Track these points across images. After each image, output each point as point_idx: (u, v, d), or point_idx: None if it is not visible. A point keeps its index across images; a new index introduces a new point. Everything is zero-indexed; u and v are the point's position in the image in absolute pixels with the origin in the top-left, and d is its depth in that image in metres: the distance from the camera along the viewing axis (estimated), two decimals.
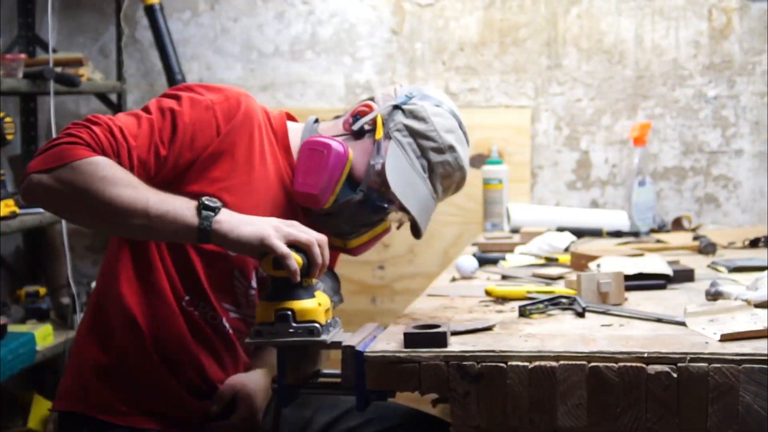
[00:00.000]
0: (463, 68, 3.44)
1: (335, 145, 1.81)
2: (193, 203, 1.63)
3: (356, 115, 1.89)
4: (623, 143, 3.38)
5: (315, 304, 1.60)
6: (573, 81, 3.39)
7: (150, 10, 3.42)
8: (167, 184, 1.72)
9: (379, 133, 1.85)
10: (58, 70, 3.07)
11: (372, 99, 1.92)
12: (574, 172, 3.42)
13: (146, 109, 1.75)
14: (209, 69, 3.56)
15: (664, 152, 3.38)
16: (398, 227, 2.01)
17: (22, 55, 3.05)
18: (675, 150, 3.38)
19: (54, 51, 3.26)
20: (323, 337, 1.58)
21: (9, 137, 2.82)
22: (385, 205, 1.87)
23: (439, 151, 1.85)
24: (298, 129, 1.93)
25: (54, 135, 3.07)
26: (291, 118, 1.96)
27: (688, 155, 3.37)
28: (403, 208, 1.84)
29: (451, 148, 1.86)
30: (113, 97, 3.51)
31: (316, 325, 1.58)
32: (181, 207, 1.63)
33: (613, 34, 3.37)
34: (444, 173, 1.87)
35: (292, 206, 1.87)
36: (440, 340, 1.54)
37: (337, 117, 1.95)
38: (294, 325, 1.58)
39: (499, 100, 3.43)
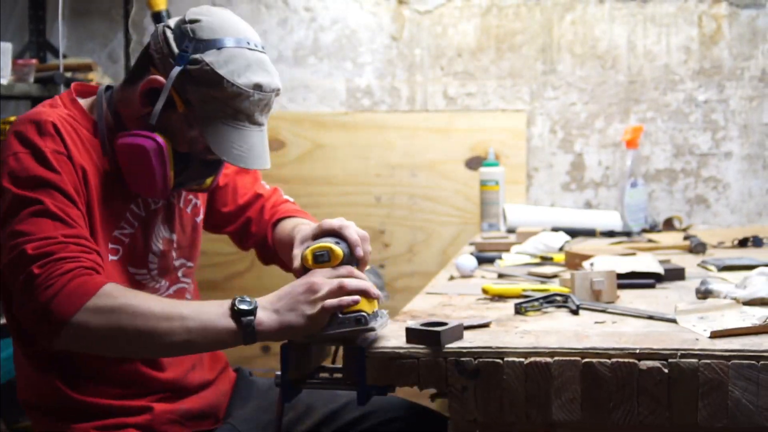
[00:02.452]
0: (460, 73, 3.44)
1: (149, 145, 1.72)
2: (226, 307, 1.56)
3: (147, 91, 1.73)
4: (616, 146, 3.38)
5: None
6: (567, 86, 3.39)
7: (157, 17, 3.42)
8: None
9: (181, 106, 1.73)
10: (68, 74, 3.07)
11: (148, 57, 1.75)
12: (568, 173, 3.42)
13: (29, 201, 1.62)
14: None
15: (655, 155, 3.38)
16: None
17: (34, 61, 3.05)
18: (666, 152, 3.38)
19: (64, 56, 3.26)
20: (371, 324, 1.56)
21: None
22: (221, 159, 1.78)
23: (246, 96, 1.71)
24: (92, 105, 1.82)
25: None
26: (82, 88, 1.86)
27: (679, 157, 3.38)
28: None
29: (257, 86, 1.72)
30: None
31: (363, 314, 1.56)
32: (217, 316, 1.56)
33: (606, 41, 3.37)
34: (260, 107, 1.75)
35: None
36: (435, 339, 1.53)
37: (128, 80, 1.80)
38: (340, 316, 1.56)
39: (496, 104, 3.43)
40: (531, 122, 3.41)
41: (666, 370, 1.46)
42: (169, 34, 1.74)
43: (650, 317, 1.73)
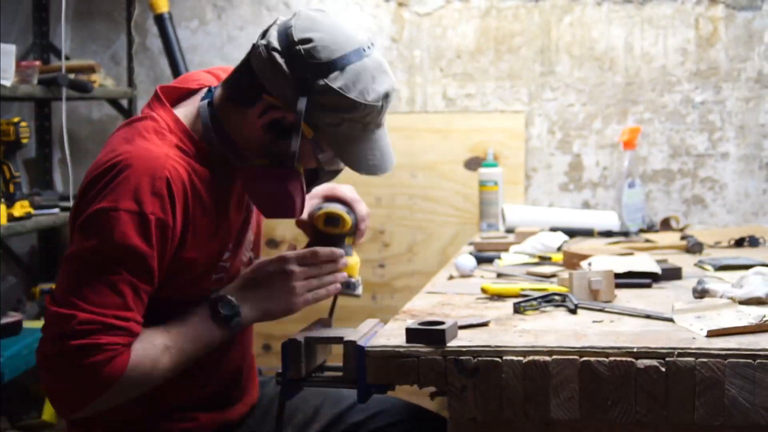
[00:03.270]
0: (460, 75, 3.44)
1: (291, 186, 1.66)
2: (208, 316, 1.66)
3: (272, 123, 1.65)
4: (614, 147, 3.38)
5: (357, 260, 1.79)
6: (565, 87, 3.39)
7: (159, 19, 3.42)
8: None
9: (309, 133, 1.65)
10: (71, 76, 3.07)
11: (261, 84, 1.63)
12: (566, 174, 3.42)
13: (104, 266, 1.55)
14: None
15: (652, 155, 3.38)
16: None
17: (37, 63, 3.05)
18: (663, 153, 3.38)
19: (67, 58, 3.26)
20: (358, 291, 1.77)
21: (24, 141, 2.82)
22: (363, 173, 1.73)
23: (379, 109, 1.65)
24: (193, 118, 1.72)
25: (66, 140, 3.10)
26: (172, 93, 1.76)
27: (676, 158, 3.38)
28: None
29: (386, 96, 1.65)
30: (124, 103, 3.51)
31: (353, 280, 1.75)
32: (210, 330, 1.67)
33: (604, 42, 3.37)
34: (386, 109, 1.69)
35: (234, 183, 1.75)
36: (439, 337, 1.53)
37: (237, 101, 1.69)
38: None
39: (495, 105, 3.43)
40: (529, 123, 3.41)
41: (663, 369, 1.46)
42: (279, 59, 1.61)
43: (648, 316, 1.73)
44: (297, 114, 1.61)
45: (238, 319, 1.68)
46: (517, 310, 1.79)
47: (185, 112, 1.73)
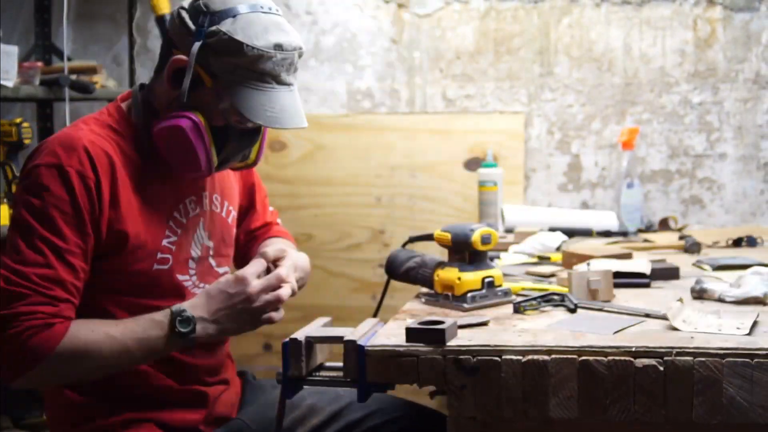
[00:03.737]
0: (459, 76, 3.44)
1: (185, 123, 1.72)
2: (167, 329, 1.69)
3: (175, 73, 1.73)
4: (612, 147, 3.38)
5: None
6: (564, 88, 3.39)
7: (161, 21, 3.42)
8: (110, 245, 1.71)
9: (209, 81, 1.72)
10: (73, 77, 3.07)
11: (172, 43, 1.76)
12: (565, 174, 3.42)
13: (28, 226, 1.64)
14: None
15: (651, 156, 3.38)
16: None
17: (39, 63, 3.05)
18: (662, 154, 3.38)
19: (69, 59, 3.26)
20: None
21: (26, 141, 2.83)
22: (258, 126, 1.80)
23: (269, 58, 1.70)
24: (131, 102, 1.83)
25: None
26: (126, 98, 1.86)
27: (674, 159, 3.38)
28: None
29: (277, 46, 1.71)
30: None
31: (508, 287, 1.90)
32: (160, 340, 1.69)
33: (602, 43, 3.37)
34: (285, 67, 1.73)
35: (181, 183, 1.84)
36: (439, 337, 1.53)
37: (157, 71, 1.80)
38: (496, 289, 1.88)
39: (494, 106, 3.43)
40: (529, 124, 3.41)
41: (661, 368, 1.46)
42: (184, 14, 1.74)
43: (646, 315, 1.73)
44: (190, 57, 1.69)
45: (193, 336, 1.70)
46: (517, 309, 1.79)
47: (129, 102, 1.83)
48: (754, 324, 1.62)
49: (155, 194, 1.78)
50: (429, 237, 2.01)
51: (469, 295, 1.83)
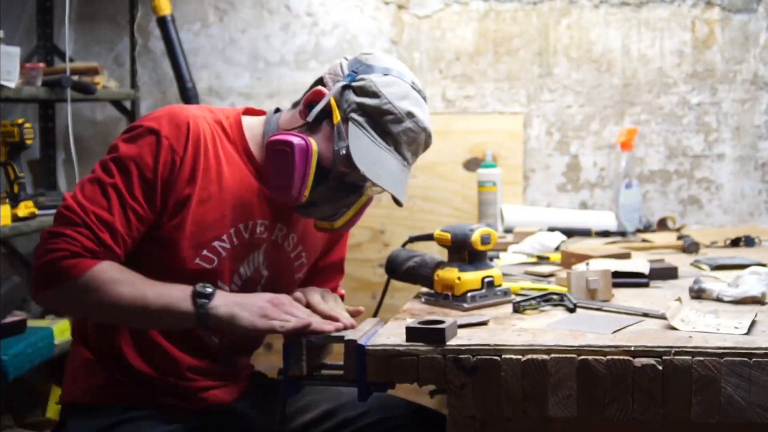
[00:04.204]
0: (459, 76, 3.44)
1: (297, 141, 1.73)
2: (189, 291, 1.68)
3: (309, 103, 1.79)
4: (611, 148, 3.38)
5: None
6: (563, 88, 3.39)
7: (162, 22, 3.42)
8: (171, 215, 1.75)
9: (336, 117, 1.75)
10: (75, 78, 3.07)
11: (322, 82, 1.82)
12: (564, 175, 3.42)
13: (107, 170, 1.73)
14: (218, 78, 3.56)
15: (649, 156, 3.38)
16: (380, 193, 1.89)
17: (41, 64, 3.05)
18: (660, 154, 3.38)
19: (71, 60, 3.26)
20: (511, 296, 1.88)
21: (28, 142, 2.82)
22: (360, 183, 1.82)
23: (398, 121, 1.75)
24: (258, 124, 1.87)
25: (72, 140, 3.11)
26: (252, 112, 1.91)
27: (673, 159, 3.38)
28: (376, 184, 1.78)
29: (410, 115, 1.76)
30: (127, 104, 3.51)
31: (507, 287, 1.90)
32: (177, 298, 1.68)
33: (601, 44, 3.37)
34: (408, 140, 1.78)
35: (266, 205, 1.84)
36: (439, 336, 1.53)
37: (296, 103, 1.86)
38: (495, 289, 1.87)
39: (494, 107, 3.43)
40: (528, 124, 3.41)
41: (660, 367, 1.46)
42: (344, 63, 1.82)
43: (645, 315, 1.73)
44: (331, 89, 1.78)
45: (206, 301, 1.67)
46: (516, 309, 1.79)
47: (253, 119, 1.89)
48: (752, 323, 1.62)
49: (233, 197, 1.80)
50: (429, 237, 2.01)
51: (468, 294, 1.83)
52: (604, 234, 2.91)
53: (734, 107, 3.33)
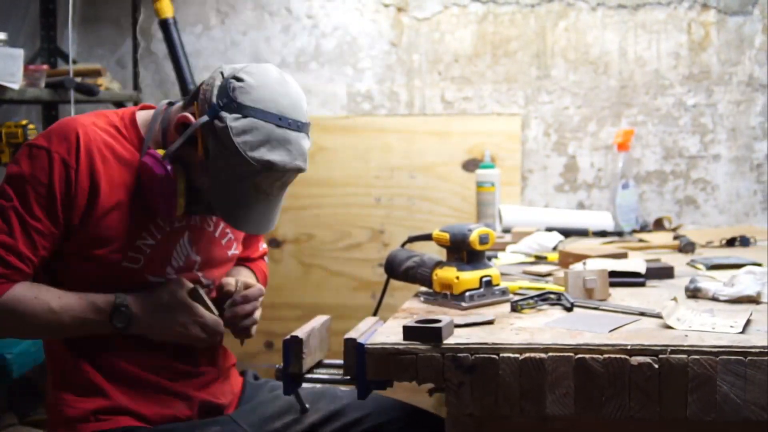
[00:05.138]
0: (457, 78, 3.44)
1: (160, 172, 1.73)
2: (105, 314, 1.75)
3: (181, 125, 1.75)
4: (608, 149, 3.38)
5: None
6: (561, 90, 3.39)
7: (164, 24, 3.42)
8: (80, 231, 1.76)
9: (200, 155, 1.72)
10: (78, 80, 3.07)
11: (199, 91, 1.75)
12: (561, 175, 3.42)
13: (5, 194, 1.73)
14: None
15: (646, 157, 3.38)
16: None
17: (45, 66, 3.05)
18: (656, 155, 3.38)
19: (74, 62, 3.25)
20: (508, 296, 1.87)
21: None
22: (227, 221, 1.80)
23: (255, 172, 1.69)
24: (152, 118, 1.84)
25: None
26: (147, 108, 1.89)
27: (669, 160, 3.37)
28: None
29: (268, 165, 1.68)
30: (130, 105, 3.50)
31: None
32: (94, 322, 1.75)
33: (598, 47, 3.37)
34: (269, 183, 1.73)
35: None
36: (436, 335, 1.53)
37: (187, 102, 1.80)
38: (494, 288, 1.87)
39: (492, 108, 3.43)
40: (526, 125, 3.41)
41: (656, 366, 1.46)
42: (217, 82, 1.71)
43: (641, 314, 1.73)
44: (194, 124, 1.72)
45: (126, 328, 1.76)
46: (514, 308, 1.79)
47: (144, 113, 1.87)
48: (747, 322, 1.62)
49: (141, 197, 1.80)
50: (428, 237, 2.01)
51: (467, 294, 1.83)
52: (601, 234, 2.91)
53: (730, 109, 3.33)
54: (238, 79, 1.69)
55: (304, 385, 1.66)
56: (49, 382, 1.86)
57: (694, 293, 1.89)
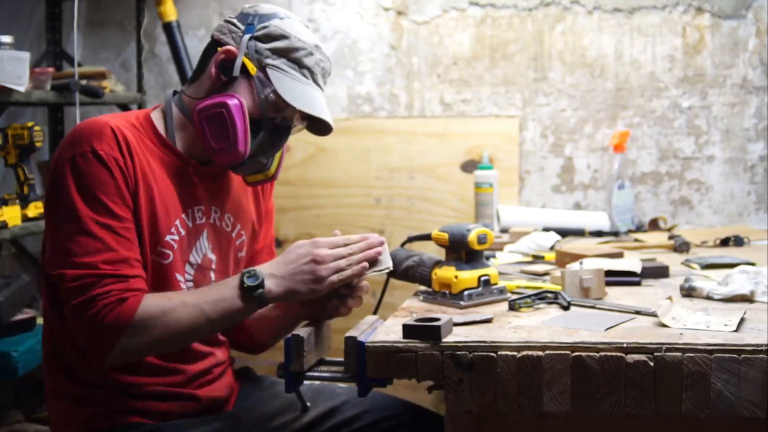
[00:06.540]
0: (456, 81, 3.44)
1: (229, 100, 1.75)
2: (236, 290, 1.68)
3: (222, 65, 1.79)
4: (604, 150, 3.38)
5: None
6: (558, 92, 3.39)
7: (168, 28, 3.42)
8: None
9: (253, 69, 1.78)
10: (83, 82, 3.07)
11: (219, 43, 1.81)
12: (558, 176, 3.42)
13: (76, 216, 1.65)
14: None
15: (641, 158, 3.38)
16: (300, 131, 1.93)
17: (50, 69, 3.05)
18: (652, 156, 3.38)
19: (79, 65, 3.26)
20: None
21: (38, 144, 2.82)
22: (289, 124, 1.85)
23: (310, 54, 1.81)
24: (162, 114, 1.85)
25: None
26: (155, 108, 1.90)
27: (664, 161, 3.37)
28: (309, 118, 1.83)
29: (317, 47, 1.83)
30: (134, 108, 3.50)
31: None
32: (233, 299, 1.69)
33: (594, 50, 3.37)
34: (321, 70, 1.84)
35: (197, 191, 1.85)
36: (435, 333, 1.53)
37: (194, 76, 1.86)
38: (492, 287, 1.87)
39: (490, 110, 3.43)
40: (523, 127, 3.41)
41: (652, 364, 1.46)
42: (232, 19, 1.83)
43: (637, 312, 1.73)
44: (240, 45, 1.78)
45: (261, 291, 1.68)
46: (512, 307, 1.79)
47: (156, 112, 1.87)
48: (741, 321, 1.62)
49: (168, 190, 1.79)
50: (427, 237, 2.01)
51: (465, 293, 1.83)
52: (598, 234, 2.91)
53: (724, 111, 3.33)
54: (251, 6, 1.85)
55: (304, 382, 1.66)
56: (50, 383, 1.81)
57: (688, 292, 1.89)
